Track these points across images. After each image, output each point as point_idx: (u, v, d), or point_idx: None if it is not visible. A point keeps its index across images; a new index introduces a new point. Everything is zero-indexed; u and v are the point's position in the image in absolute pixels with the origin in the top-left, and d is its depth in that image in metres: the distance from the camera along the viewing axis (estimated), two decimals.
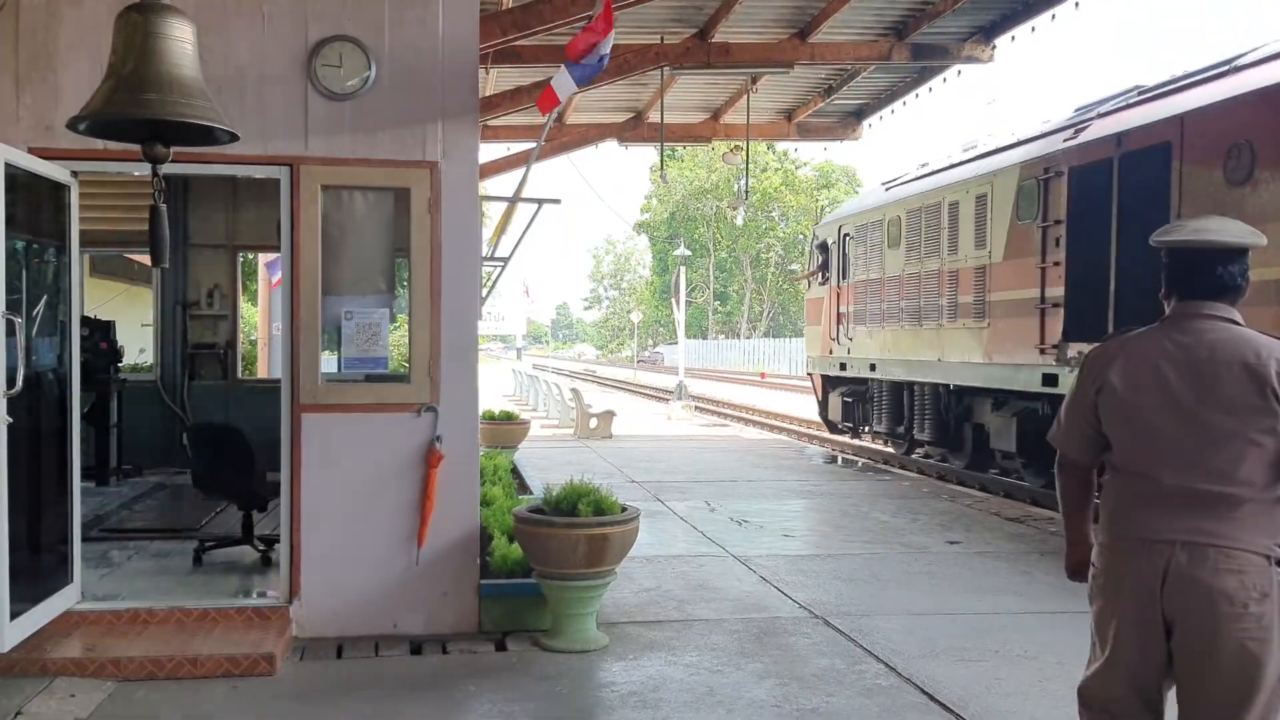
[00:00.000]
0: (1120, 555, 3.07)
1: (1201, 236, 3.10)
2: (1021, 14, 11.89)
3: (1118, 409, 3.10)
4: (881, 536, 9.43)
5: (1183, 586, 2.92)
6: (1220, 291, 3.08)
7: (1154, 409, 3.04)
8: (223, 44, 5.99)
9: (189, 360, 11.71)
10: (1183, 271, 3.13)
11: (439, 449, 6.14)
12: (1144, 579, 2.98)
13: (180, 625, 5.90)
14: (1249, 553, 2.90)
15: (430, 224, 6.17)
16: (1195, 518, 2.94)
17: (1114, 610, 3.08)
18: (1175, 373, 3.02)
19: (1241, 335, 3.02)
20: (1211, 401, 2.97)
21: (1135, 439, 3.08)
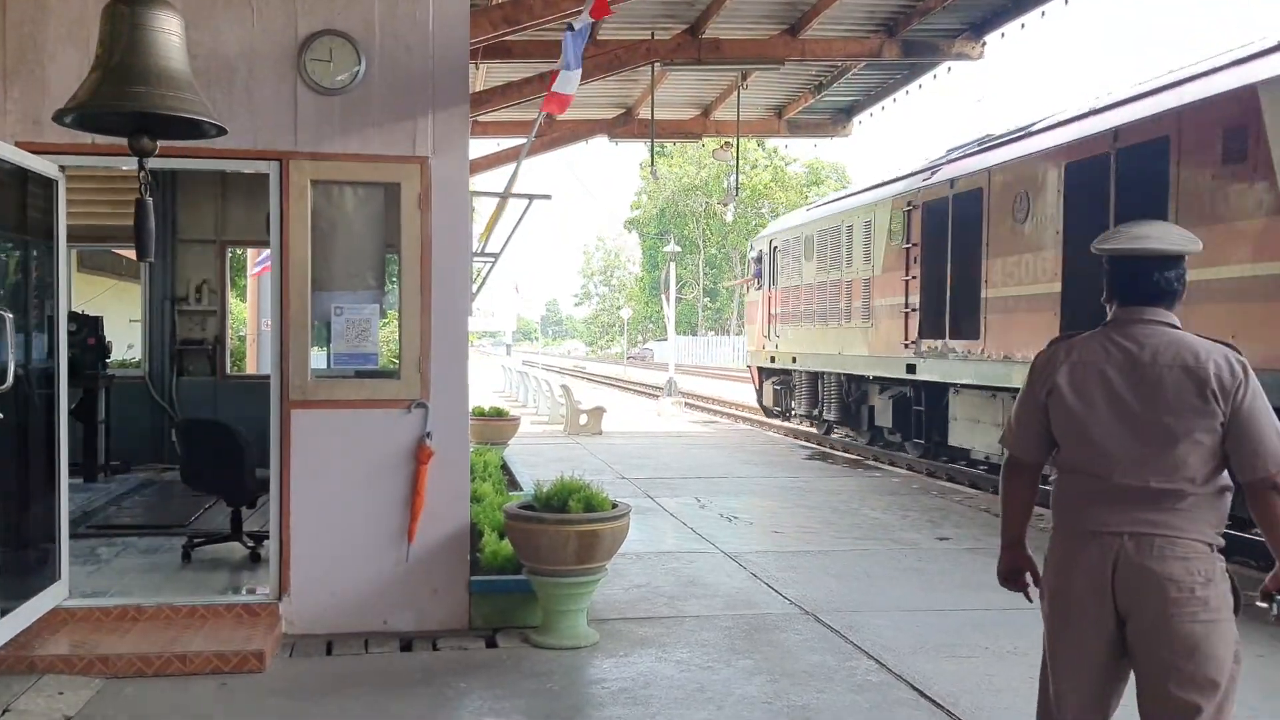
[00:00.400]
0: (1072, 546, 3.20)
1: (1139, 245, 3.22)
2: (1011, 11, 11.90)
3: (1067, 412, 3.23)
4: (871, 533, 9.43)
5: (1132, 574, 3.08)
6: (1158, 297, 3.21)
7: (1101, 411, 3.18)
8: (211, 37, 5.96)
9: (177, 356, 11.66)
10: (1122, 278, 3.26)
11: (429, 445, 6.12)
12: (1095, 567, 3.12)
13: (169, 622, 5.88)
14: (1193, 541, 3.06)
15: (420, 220, 6.15)
16: (1142, 511, 3.09)
17: (1066, 602, 3.21)
18: (1119, 376, 3.17)
19: (1181, 339, 3.16)
20: (1155, 403, 3.11)
21: (1084, 440, 3.20)
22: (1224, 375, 3.07)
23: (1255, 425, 3.05)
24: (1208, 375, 3.07)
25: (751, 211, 61.03)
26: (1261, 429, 3.05)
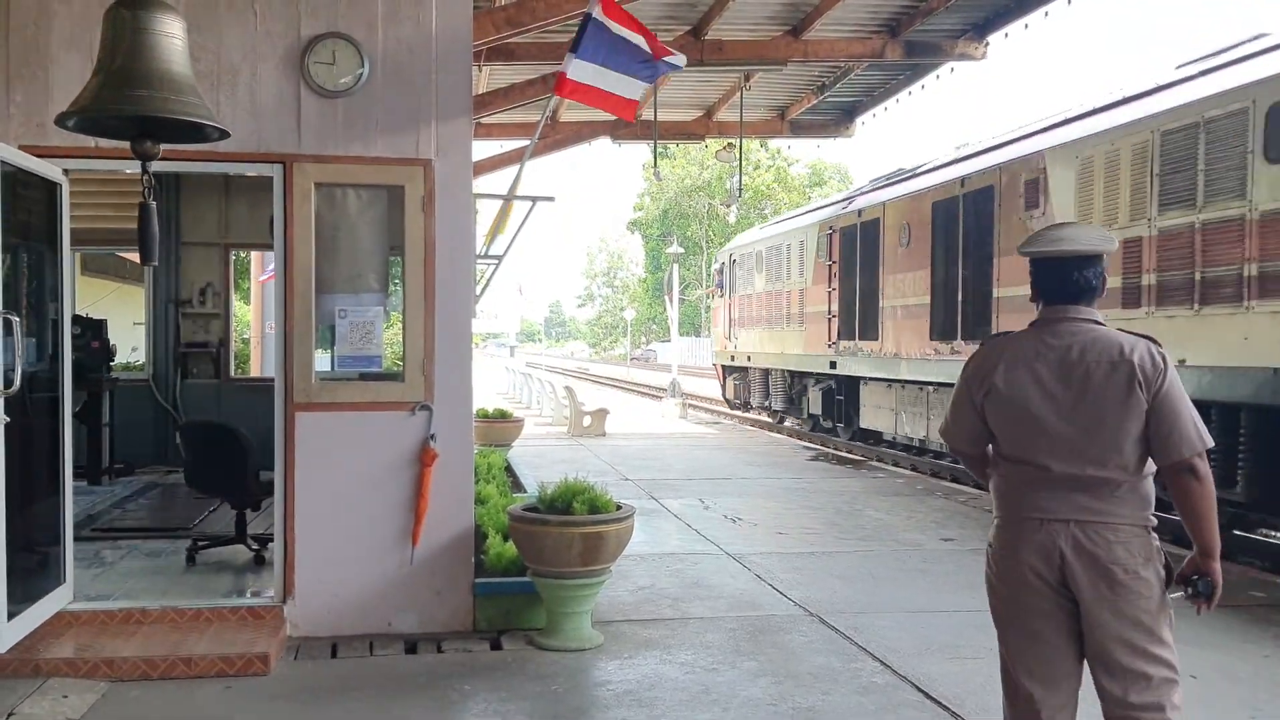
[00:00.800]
0: (1018, 531, 3.40)
1: (1057, 246, 3.43)
2: (1014, 11, 11.87)
3: (1006, 409, 3.44)
4: (876, 534, 9.42)
5: (1080, 560, 3.29)
6: (1080, 294, 3.43)
7: (1037, 406, 3.38)
8: (214, 40, 5.96)
9: (181, 359, 11.68)
10: (1045, 279, 3.48)
11: (433, 447, 6.12)
12: (1044, 552, 3.33)
13: (174, 625, 5.88)
14: (1130, 525, 3.30)
15: (424, 222, 6.15)
16: (1083, 498, 3.31)
17: (1013, 582, 3.41)
18: (1052, 373, 3.38)
19: (1106, 335, 3.37)
20: (1087, 397, 3.32)
21: (1023, 433, 3.41)
22: (1147, 366, 3.28)
23: (1173, 412, 3.25)
24: (1133, 367, 3.28)
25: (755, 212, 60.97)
26: (1179, 415, 3.25)
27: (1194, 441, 3.24)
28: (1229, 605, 6.94)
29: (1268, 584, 7.65)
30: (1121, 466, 3.29)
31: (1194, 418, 3.27)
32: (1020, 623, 3.43)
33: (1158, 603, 3.30)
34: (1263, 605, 7.00)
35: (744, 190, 19.15)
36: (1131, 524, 3.30)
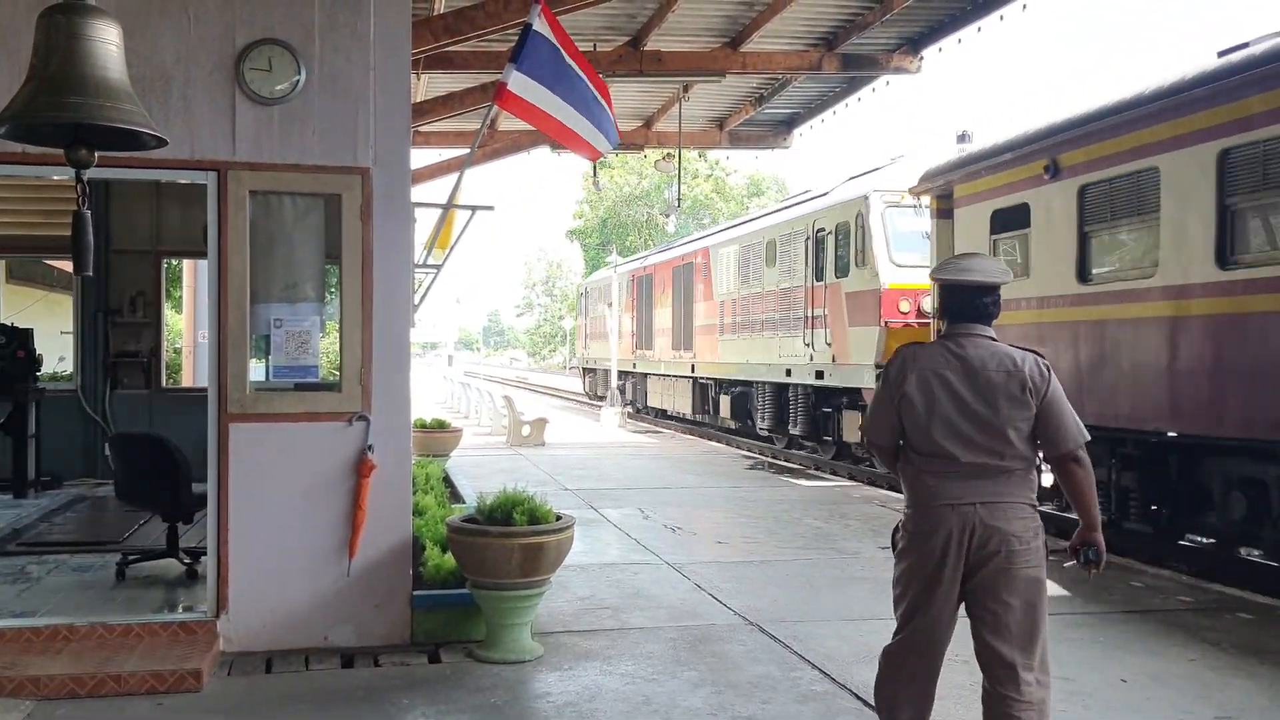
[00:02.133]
0: (930, 515, 3.97)
1: (963, 276, 4.06)
2: (948, 26, 12.06)
3: (918, 411, 4.01)
4: (814, 542, 9.50)
5: (985, 533, 3.89)
6: (980, 317, 4.06)
7: (947, 408, 3.97)
8: (146, 46, 5.86)
9: (111, 369, 11.42)
10: (951, 301, 4.10)
11: (371, 458, 6.06)
12: (953, 532, 3.91)
13: (102, 642, 5.75)
14: (1024, 505, 3.96)
15: (361, 231, 6.09)
16: (987, 484, 3.92)
17: (925, 557, 3.98)
18: (958, 379, 3.97)
19: (1002, 349, 4.00)
20: (989, 400, 3.93)
21: (935, 431, 3.98)
22: (1035, 375, 3.94)
23: (1058, 413, 3.92)
24: (1024, 376, 3.93)
25: (693, 222, 61.18)
26: (1063, 415, 3.93)
27: (1076, 436, 3.93)
28: (1159, 610, 7.11)
29: (1195, 589, 7.83)
30: (1015, 457, 3.93)
31: (1075, 417, 3.94)
32: (925, 590, 4.01)
33: (1041, 573, 3.96)
34: (1190, 610, 7.16)
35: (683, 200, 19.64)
36: (1024, 504, 3.95)
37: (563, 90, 6.90)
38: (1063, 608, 7.15)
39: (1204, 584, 8.06)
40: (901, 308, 14.72)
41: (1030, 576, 3.93)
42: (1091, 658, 6.02)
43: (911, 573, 4.05)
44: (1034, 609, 3.95)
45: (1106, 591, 7.63)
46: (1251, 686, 5.53)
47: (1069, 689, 5.47)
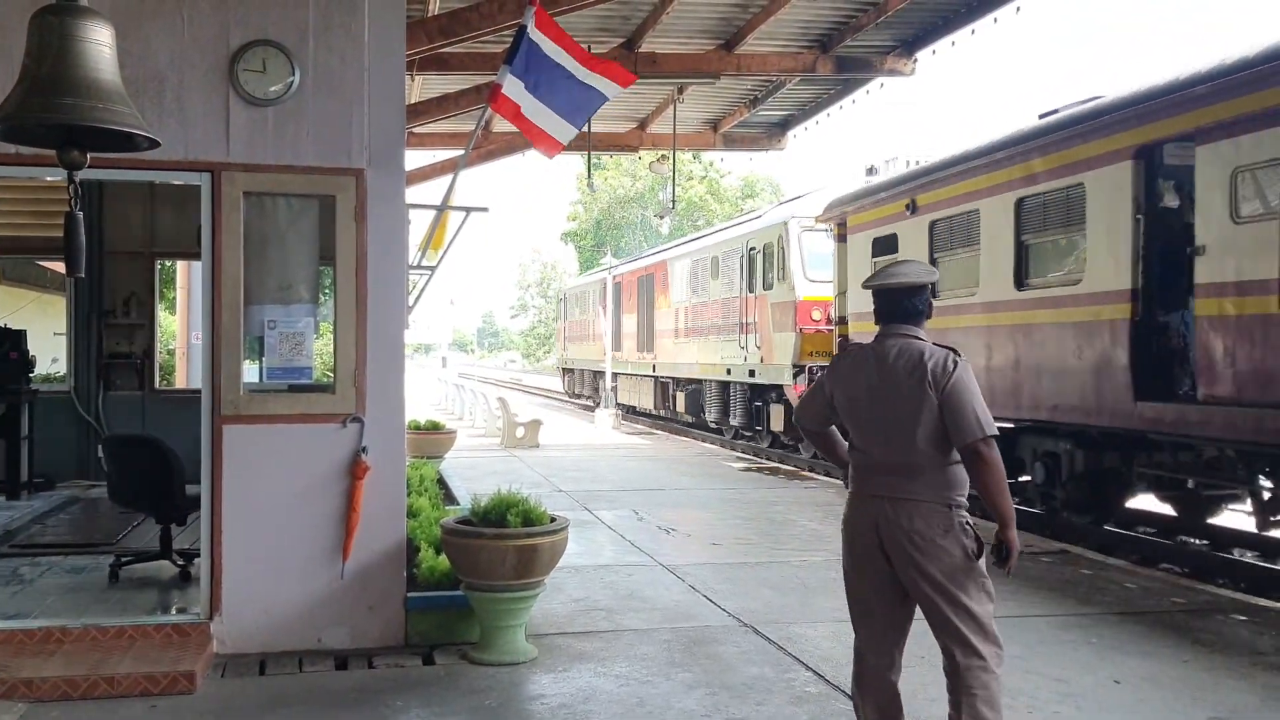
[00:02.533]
0: (855, 507, 4.20)
1: (889, 280, 4.24)
2: (942, 28, 12.09)
3: (844, 406, 4.26)
4: (809, 544, 9.50)
5: (890, 529, 4.02)
6: (906, 316, 4.20)
7: (864, 404, 4.18)
8: (140, 47, 5.85)
9: (104, 370, 11.41)
10: (880, 304, 4.27)
11: (364, 460, 6.06)
12: (869, 523, 4.09)
13: (96, 644, 5.74)
14: (930, 502, 3.99)
15: (356, 232, 6.09)
16: (894, 480, 4.05)
17: (851, 548, 4.21)
18: (875, 376, 4.15)
19: (915, 346, 4.11)
20: (896, 395, 4.06)
21: (857, 426, 4.21)
22: (937, 370, 3.99)
23: (958, 406, 3.93)
24: (926, 371, 4.00)
25: (688, 224, 61.19)
26: (963, 409, 3.93)
27: (974, 429, 3.91)
28: (1152, 611, 7.12)
29: (1188, 590, 7.84)
30: (921, 454, 4.00)
31: (977, 412, 3.93)
32: (857, 581, 4.21)
33: (958, 568, 3.96)
34: (1183, 611, 7.17)
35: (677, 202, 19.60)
36: (932, 501, 3.98)
37: (547, 91, 6.87)
38: (1055, 609, 7.16)
39: (1197, 585, 8.07)
40: (814, 316, 17.47)
41: (941, 573, 3.97)
42: (1085, 659, 6.03)
43: (845, 563, 4.28)
44: (955, 603, 3.98)
45: (1100, 593, 7.64)
46: (1244, 688, 5.54)
47: (1062, 690, 5.49)
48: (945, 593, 3.98)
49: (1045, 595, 7.56)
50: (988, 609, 4.04)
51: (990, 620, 4.03)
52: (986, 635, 4.01)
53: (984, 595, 4.04)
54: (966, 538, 3.99)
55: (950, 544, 3.97)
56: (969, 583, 4.00)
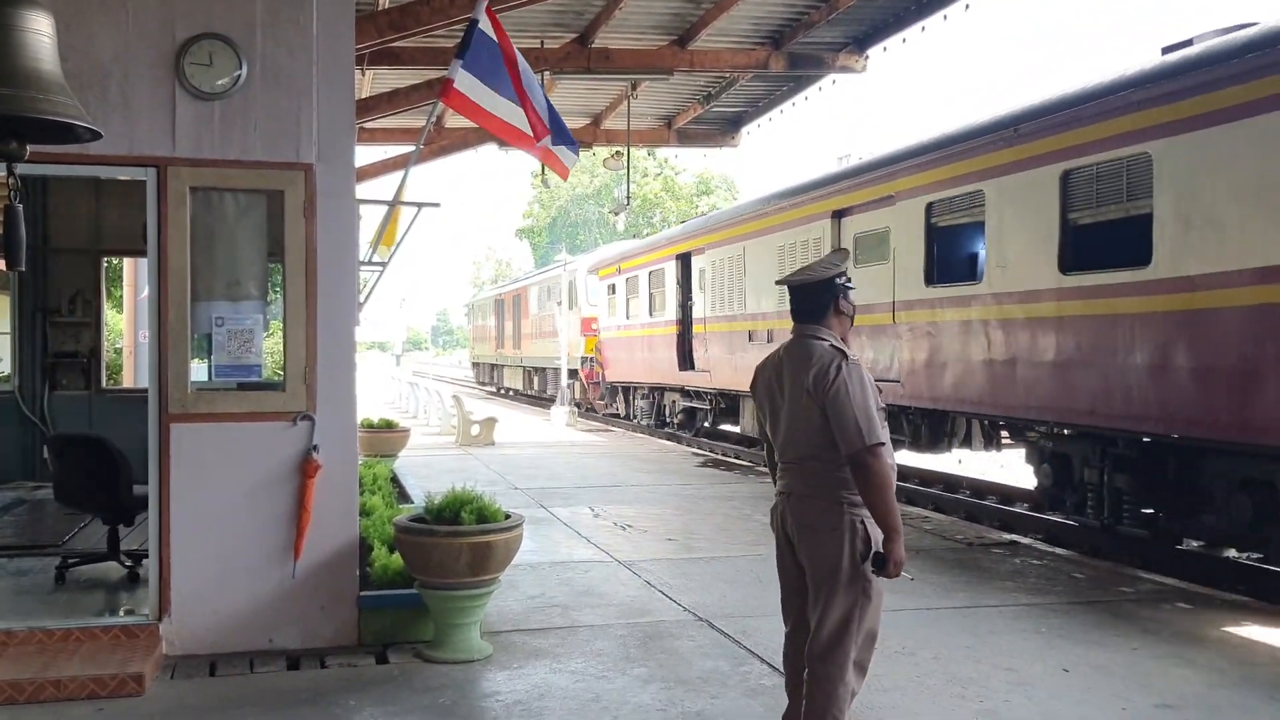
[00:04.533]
0: (773, 504, 4.37)
1: (792, 278, 4.32)
2: (893, 26, 12.20)
3: (759, 406, 4.39)
4: (763, 538, 9.50)
5: (790, 522, 4.19)
6: (810, 314, 4.23)
7: (769, 404, 4.29)
8: (84, 40, 5.75)
9: (49, 369, 11.20)
10: (791, 303, 4.31)
11: (316, 458, 6.00)
12: (778, 516, 4.28)
13: (42, 647, 5.64)
14: (821, 500, 4.07)
15: (305, 228, 6.03)
16: (794, 477, 4.18)
17: (775, 542, 4.38)
18: (776, 377, 4.24)
19: (810, 347, 4.13)
20: (790, 396, 4.14)
21: (769, 425, 4.33)
22: (820, 375, 4.00)
23: (839, 414, 3.93)
24: (810, 373, 4.03)
25: (643, 221, 61.23)
26: (844, 417, 3.93)
27: (854, 439, 3.90)
28: (1100, 601, 7.22)
29: (1135, 579, 7.96)
30: (811, 455, 4.07)
31: (859, 420, 3.90)
32: (778, 568, 4.40)
33: (835, 567, 4.01)
34: (1130, 600, 7.28)
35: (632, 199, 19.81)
36: (824, 499, 4.06)
37: (505, 90, 6.89)
38: (1006, 599, 7.24)
39: (1144, 574, 8.20)
40: (592, 326, 27.45)
41: (823, 570, 4.05)
42: (1035, 648, 6.10)
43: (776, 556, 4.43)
44: (831, 599, 4.03)
45: (1049, 583, 7.74)
46: (1190, 674, 5.64)
47: (1013, 679, 5.55)
48: (819, 587, 4.08)
49: (996, 585, 7.65)
50: (858, 615, 4.05)
51: (853, 628, 4.04)
52: (840, 641, 4.04)
53: (857, 598, 4.04)
54: (855, 537, 4.01)
55: (832, 541, 4.02)
56: (840, 583, 4.02)
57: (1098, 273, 8.98)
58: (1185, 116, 8.07)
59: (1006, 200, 10.14)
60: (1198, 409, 7.99)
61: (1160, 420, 8.37)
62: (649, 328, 21.78)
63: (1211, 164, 7.87)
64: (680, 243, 20.10)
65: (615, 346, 24.49)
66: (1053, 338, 9.44)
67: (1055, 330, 9.41)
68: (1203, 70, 7.98)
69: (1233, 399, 7.71)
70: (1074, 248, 9.32)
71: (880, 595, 4.13)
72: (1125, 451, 9.10)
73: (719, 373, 18.04)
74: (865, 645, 4.15)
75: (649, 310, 21.72)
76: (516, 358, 38.71)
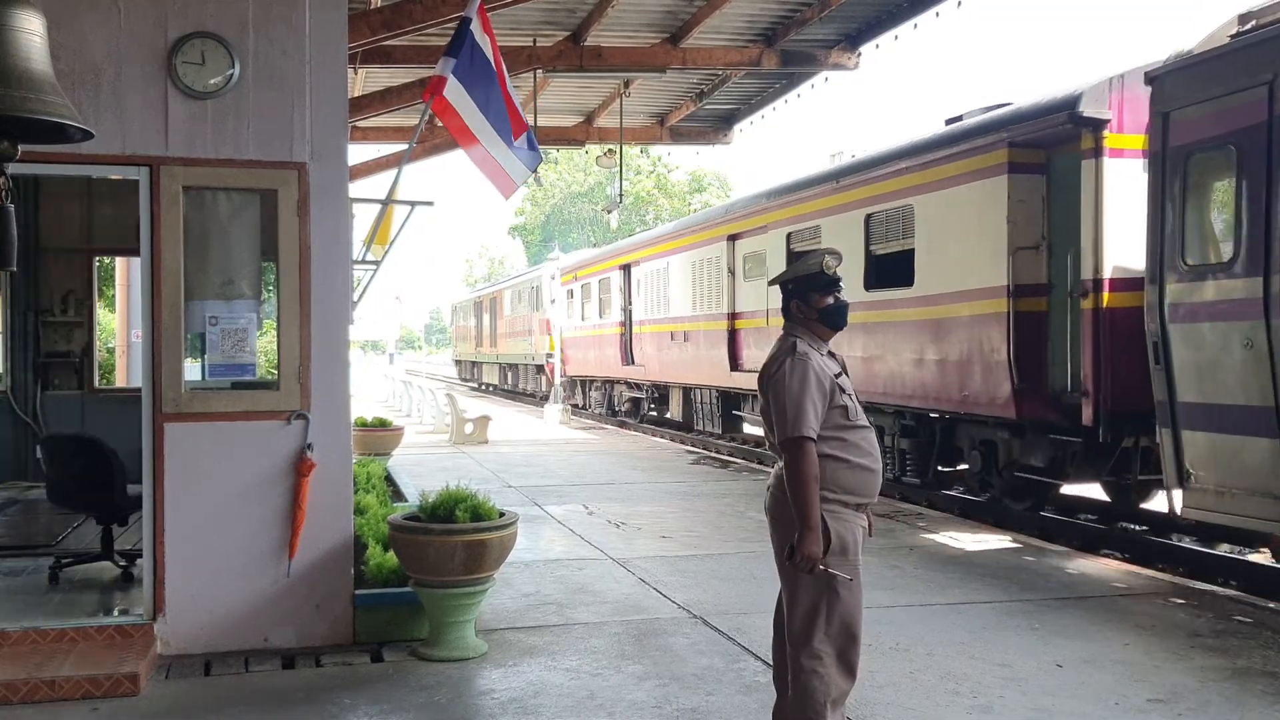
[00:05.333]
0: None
1: (778, 276, 4.41)
2: (885, 23, 12.19)
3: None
4: (757, 535, 9.54)
5: (766, 514, 4.36)
6: (785, 313, 4.38)
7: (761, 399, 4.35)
8: (75, 39, 5.75)
9: (42, 369, 11.18)
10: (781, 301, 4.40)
11: (310, 457, 6.00)
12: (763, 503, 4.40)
13: (36, 647, 5.63)
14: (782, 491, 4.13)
15: (299, 227, 6.02)
16: (776, 466, 4.26)
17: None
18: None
19: (778, 343, 4.28)
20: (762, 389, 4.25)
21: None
22: (770, 367, 4.19)
23: (776, 401, 4.09)
24: (764, 366, 4.23)
25: (636, 218, 61.19)
26: (778, 404, 4.08)
27: (781, 429, 4.06)
28: (1094, 596, 7.25)
29: (1129, 575, 7.99)
30: (779, 449, 4.15)
31: (789, 411, 4.02)
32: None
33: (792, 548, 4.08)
34: (1124, 596, 7.30)
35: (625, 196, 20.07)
36: (784, 491, 4.12)
37: (490, 112, 6.90)
38: (999, 595, 7.26)
39: (1137, 569, 8.23)
40: (555, 326, 29.24)
41: (778, 547, 4.23)
42: (1028, 643, 6.12)
43: None
44: (795, 593, 4.18)
45: (1043, 578, 7.76)
46: (1182, 669, 5.66)
47: (1006, 674, 5.57)
48: (782, 578, 4.25)
49: (989, 581, 7.67)
50: (824, 610, 4.11)
51: (819, 623, 4.11)
52: (809, 633, 4.12)
53: (823, 592, 4.10)
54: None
55: (789, 533, 4.09)
56: (802, 580, 4.12)
57: (885, 290, 12.27)
58: (931, 180, 11.41)
59: (833, 233, 13.54)
60: (944, 391, 11.06)
61: (924, 399, 11.52)
62: (600, 329, 25.52)
63: (945, 215, 11.15)
64: (623, 255, 24.11)
65: (573, 345, 28.06)
66: (861, 338, 12.51)
67: (862, 333, 12.47)
68: (938, 148, 11.36)
69: (960, 383, 10.74)
70: (873, 271, 12.67)
71: (856, 592, 4.16)
72: (909, 422, 12.14)
73: (650, 367, 21.94)
74: (845, 643, 4.16)
75: (600, 313, 25.53)
76: (494, 355, 41.99)
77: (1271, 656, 5.87)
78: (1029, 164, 10.16)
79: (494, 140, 7.02)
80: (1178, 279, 7.67)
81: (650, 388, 22.97)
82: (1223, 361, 7.27)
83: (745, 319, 17.12)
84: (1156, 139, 7.93)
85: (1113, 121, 9.12)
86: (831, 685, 4.11)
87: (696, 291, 19.20)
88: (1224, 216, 7.61)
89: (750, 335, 16.72)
